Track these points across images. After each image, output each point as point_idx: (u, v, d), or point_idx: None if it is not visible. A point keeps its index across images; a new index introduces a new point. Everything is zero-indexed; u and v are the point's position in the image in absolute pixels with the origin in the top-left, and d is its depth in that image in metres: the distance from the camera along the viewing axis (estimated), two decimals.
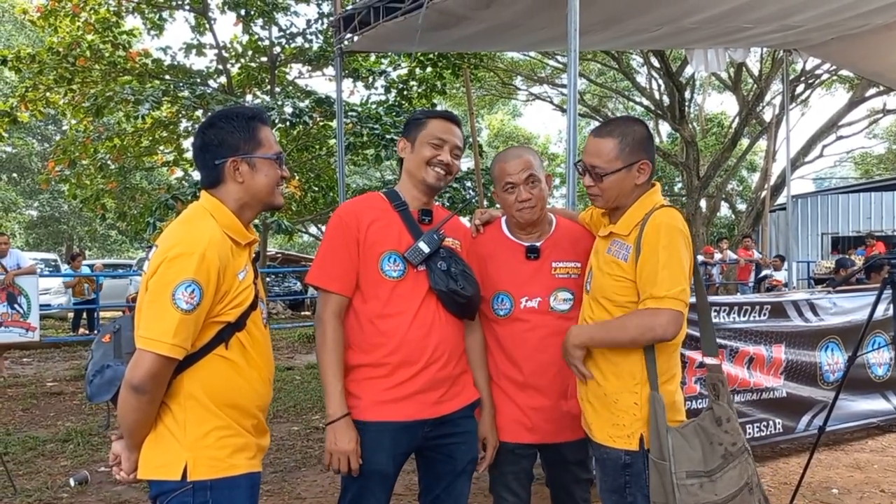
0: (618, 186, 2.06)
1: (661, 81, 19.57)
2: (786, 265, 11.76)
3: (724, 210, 26.55)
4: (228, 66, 12.27)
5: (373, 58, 11.76)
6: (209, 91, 11.25)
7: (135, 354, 1.63)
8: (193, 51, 11.97)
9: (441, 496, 2.21)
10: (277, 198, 1.87)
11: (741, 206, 25.03)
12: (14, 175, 27.15)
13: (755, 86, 18.82)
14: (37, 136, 26.45)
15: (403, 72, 12.13)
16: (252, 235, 1.84)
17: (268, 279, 16.65)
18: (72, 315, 13.55)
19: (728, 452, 1.95)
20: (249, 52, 12.32)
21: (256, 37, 12.12)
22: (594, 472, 2.26)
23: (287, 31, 12.03)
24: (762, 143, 20.64)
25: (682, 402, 2.12)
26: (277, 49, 12.33)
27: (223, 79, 12.24)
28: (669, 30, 5.43)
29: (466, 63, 11.12)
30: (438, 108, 11.80)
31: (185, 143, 12.12)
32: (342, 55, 6.07)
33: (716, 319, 4.11)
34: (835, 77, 18.86)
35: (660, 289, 1.92)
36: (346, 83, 12.34)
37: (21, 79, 11.37)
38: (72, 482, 4.21)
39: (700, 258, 13.59)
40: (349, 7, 5.71)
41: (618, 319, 2.02)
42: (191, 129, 11.75)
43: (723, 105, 61.21)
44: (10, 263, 8.32)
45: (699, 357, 3.59)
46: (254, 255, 1.90)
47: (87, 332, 12.24)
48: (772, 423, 4.34)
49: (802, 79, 17.98)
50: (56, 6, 11.12)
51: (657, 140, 22.08)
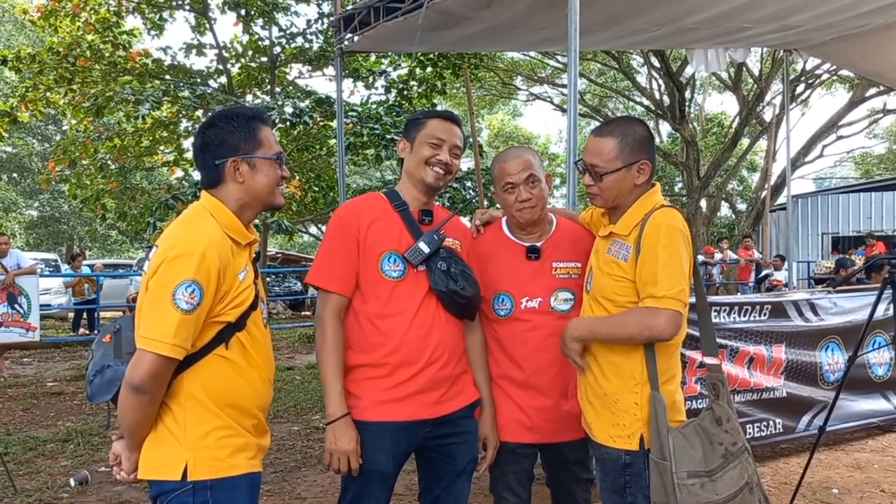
0: (617, 186, 2.06)
1: (662, 81, 19.57)
2: (786, 265, 11.76)
3: (725, 210, 26.56)
4: (229, 66, 12.28)
5: (373, 58, 11.76)
6: (209, 91, 11.26)
7: (135, 354, 1.63)
8: (194, 51, 11.99)
9: (441, 496, 2.21)
10: (278, 198, 1.87)
11: (741, 206, 25.02)
12: (14, 175, 27.17)
13: (755, 86, 18.82)
14: (37, 136, 26.46)
15: (403, 72, 12.13)
16: (252, 235, 1.85)
17: (268, 279, 16.66)
18: (72, 315, 13.55)
19: (728, 452, 1.95)
20: (250, 52, 12.33)
21: (256, 37, 12.13)
22: (594, 472, 2.26)
23: (287, 31, 12.04)
24: (762, 143, 20.64)
25: (683, 402, 2.13)
26: (278, 49, 12.34)
27: (223, 79, 12.24)
28: (669, 30, 5.43)
29: (466, 63, 11.12)
30: (439, 108, 11.79)
31: (186, 143, 12.13)
32: (342, 55, 6.07)
33: (716, 319, 4.11)
34: (835, 77, 18.86)
35: (659, 288, 1.92)
36: (347, 83, 12.37)
37: (21, 79, 11.37)
38: (72, 482, 4.21)
39: (700, 258, 13.59)
40: (349, 7, 5.71)
41: (617, 315, 2.03)
42: (191, 129, 11.75)
43: (723, 105, 61.32)
44: (11, 263, 8.32)
45: (699, 357, 3.59)
46: (254, 255, 1.90)
47: (88, 333, 12.24)
48: (772, 423, 4.34)
49: (802, 79, 17.97)
50: (56, 6, 11.13)
51: (657, 140, 22.04)
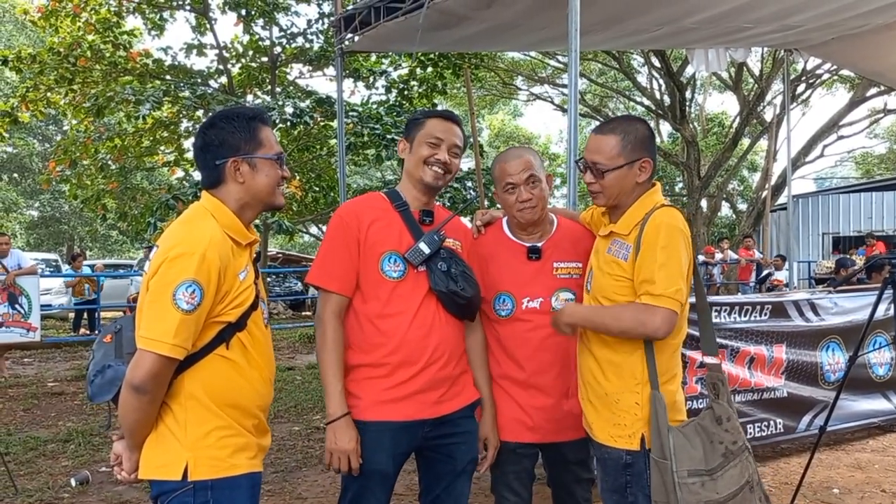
0: (619, 183, 2.06)
1: (662, 81, 19.54)
2: (787, 265, 11.75)
3: (725, 210, 26.55)
4: (229, 67, 12.29)
5: (373, 58, 11.77)
6: (210, 91, 11.26)
7: (136, 354, 1.63)
8: (194, 51, 12.00)
9: (441, 496, 2.21)
10: (278, 198, 1.87)
11: (742, 206, 25.00)
12: (15, 175, 27.17)
13: (756, 85, 18.80)
14: (38, 137, 26.46)
15: (404, 72, 12.14)
16: (253, 236, 1.85)
17: (269, 279, 16.66)
18: (73, 315, 13.55)
19: (729, 451, 1.95)
20: (250, 53, 12.34)
21: (257, 37, 12.14)
22: (595, 472, 2.26)
23: (288, 32, 12.04)
24: (763, 143, 20.61)
25: (684, 402, 2.13)
26: (278, 49, 12.34)
27: (224, 79, 12.25)
28: (670, 30, 5.43)
29: (467, 63, 11.13)
30: (439, 108, 11.79)
31: (186, 144, 12.14)
32: (343, 55, 6.08)
33: (717, 319, 4.11)
34: (835, 77, 18.84)
35: (657, 287, 1.92)
36: (347, 83, 12.39)
37: (22, 79, 11.37)
38: (73, 482, 4.21)
39: (701, 258, 13.58)
40: (350, 7, 5.71)
41: (614, 308, 2.03)
42: (191, 130, 11.76)
43: (723, 105, 61.27)
44: (11, 264, 8.32)
45: (700, 357, 3.58)
46: (255, 256, 1.90)
47: (88, 333, 12.24)
48: (773, 423, 4.34)
49: (803, 78, 17.95)
50: (57, 6, 11.14)
51: (658, 140, 22.02)
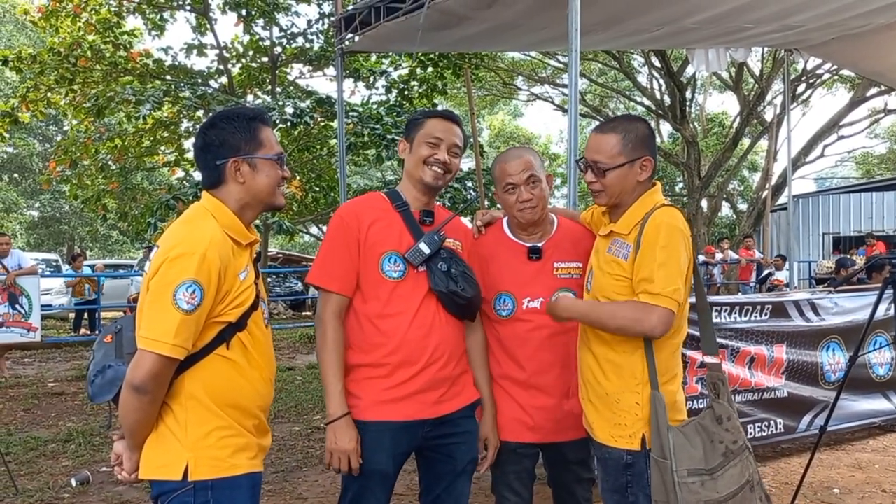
0: (621, 182, 2.06)
1: (663, 81, 19.53)
2: (787, 265, 11.74)
3: (726, 210, 26.53)
4: (229, 67, 12.29)
5: (374, 58, 11.77)
6: (210, 91, 11.26)
7: (136, 355, 1.63)
8: (194, 51, 12.00)
9: (441, 496, 2.21)
10: (278, 198, 1.87)
11: (742, 206, 24.98)
12: (15, 175, 27.18)
13: (756, 85, 18.79)
14: (38, 137, 26.46)
15: (404, 72, 12.14)
16: (253, 236, 1.85)
17: (269, 279, 16.67)
18: (73, 315, 13.55)
19: (729, 450, 1.95)
20: (250, 53, 12.34)
21: (257, 37, 12.14)
22: (596, 472, 2.26)
23: (288, 32, 12.05)
24: (763, 143, 20.59)
25: (684, 402, 2.13)
26: (278, 49, 12.35)
27: (224, 79, 12.25)
28: (670, 30, 5.43)
29: (467, 63, 11.12)
30: (439, 108, 11.79)
31: (187, 144, 12.14)
32: (343, 55, 6.08)
33: (717, 319, 4.11)
34: (836, 77, 18.82)
35: (656, 286, 1.92)
36: (347, 83, 12.39)
37: (22, 79, 11.38)
38: (73, 482, 4.21)
39: (701, 258, 13.57)
40: (350, 7, 5.71)
41: (611, 305, 2.03)
42: (192, 130, 11.76)
43: (724, 105, 61.27)
44: (12, 264, 8.33)
45: (700, 357, 3.58)
46: (255, 256, 1.90)
47: (89, 333, 12.23)
48: (773, 423, 4.34)
49: (803, 78, 17.94)
50: (57, 7, 11.14)
51: (658, 140, 22.04)
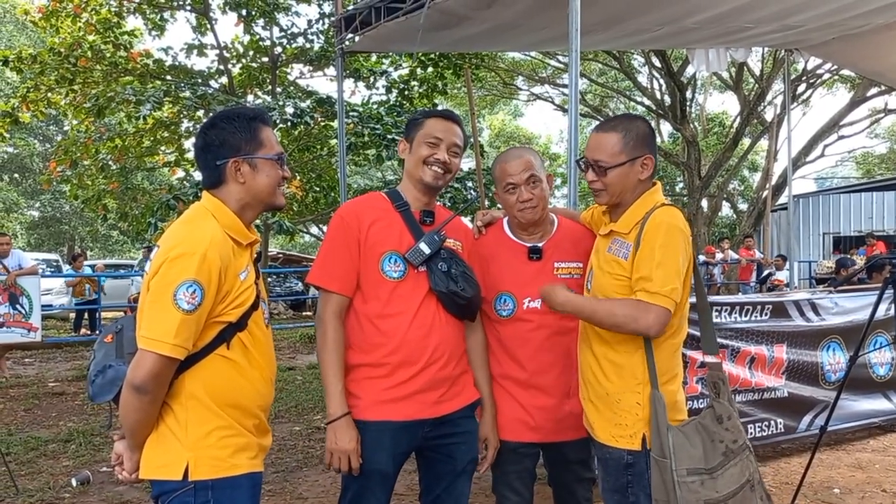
0: (622, 181, 2.06)
1: (663, 81, 19.53)
2: (787, 265, 11.74)
3: (726, 210, 26.52)
4: (230, 67, 12.28)
5: (374, 58, 11.76)
6: (210, 91, 11.25)
7: (136, 354, 1.63)
8: (195, 51, 12.00)
9: (442, 496, 2.22)
10: (279, 198, 1.87)
11: (743, 206, 24.98)
12: (16, 175, 27.18)
13: (756, 85, 18.79)
14: (38, 137, 26.46)
15: (404, 72, 12.13)
16: (253, 236, 1.85)
17: (269, 279, 16.67)
18: (73, 315, 13.55)
19: (729, 450, 1.95)
20: (251, 53, 12.33)
21: (258, 37, 12.14)
22: (596, 472, 2.26)
23: (288, 32, 12.04)
24: (763, 143, 20.59)
25: (684, 402, 2.13)
26: (279, 49, 12.34)
27: (224, 79, 12.24)
28: (670, 30, 5.43)
29: (468, 63, 11.12)
30: (439, 108, 11.79)
31: (187, 144, 12.14)
32: (343, 55, 6.08)
33: (717, 319, 4.11)
34: (836, 77, 18.81)
35: (653, 284, 1.92)
36: (348, 83, 12.38)
37: (22, 79, 11.37)
38: (74, 482, 4.21)
39: (702, 258, 13.57)
40: (350, 7, 5.72)
41: (608, 301, 2.03)
42: (192, 130, 11.76)
43: (724, 105, 61.17)
44: (12, 264, 8.33)
45: (700, 357, 3.59)
46: (255, 256, 1.90)
47: (89, 333, 12.23)
48: (773, 423, 4.34)
49: (804, 78, 17.93)
50: (57, 7, 11.14)
51: (658, 140, 22.02)
